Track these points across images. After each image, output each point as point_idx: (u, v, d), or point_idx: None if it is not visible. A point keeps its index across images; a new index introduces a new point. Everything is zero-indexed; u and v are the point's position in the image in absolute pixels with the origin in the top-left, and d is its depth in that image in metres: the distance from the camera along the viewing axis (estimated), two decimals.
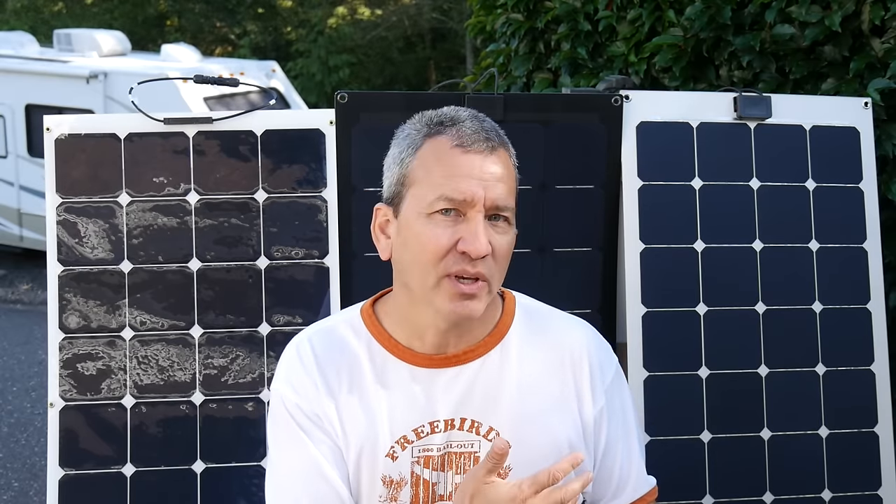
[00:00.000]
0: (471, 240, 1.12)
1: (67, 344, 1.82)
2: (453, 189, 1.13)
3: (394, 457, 1.21)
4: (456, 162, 1.14)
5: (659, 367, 1.89)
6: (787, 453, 1.92)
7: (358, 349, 1.24)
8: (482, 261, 1.13)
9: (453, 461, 1.22)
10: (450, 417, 1.21)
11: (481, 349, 1.23)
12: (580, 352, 1.28)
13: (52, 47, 9.54)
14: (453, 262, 1.13)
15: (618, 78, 2.10)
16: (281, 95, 9.30)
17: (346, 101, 1.89)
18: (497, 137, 1.18)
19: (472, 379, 1.22)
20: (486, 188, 1.13)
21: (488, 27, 3.45)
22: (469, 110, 1.22)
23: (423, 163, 1.16)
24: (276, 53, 16.46)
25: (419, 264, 1.16)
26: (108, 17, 17.73)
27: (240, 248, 1.87)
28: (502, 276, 1.19)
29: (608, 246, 1.98)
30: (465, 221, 1.13)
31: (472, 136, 1.15)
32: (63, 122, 1.86)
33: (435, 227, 1.14)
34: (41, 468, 4.58)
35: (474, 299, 1.14)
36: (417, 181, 1.16)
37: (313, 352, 1.24)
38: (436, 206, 1.13)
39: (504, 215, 1.16)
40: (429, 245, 1.14)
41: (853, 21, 2.29)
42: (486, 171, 1.14)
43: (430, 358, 1.22)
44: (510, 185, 1.17)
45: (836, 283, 1.97)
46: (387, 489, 1.21)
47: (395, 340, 1.23)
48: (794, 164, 1.99)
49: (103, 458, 1.80)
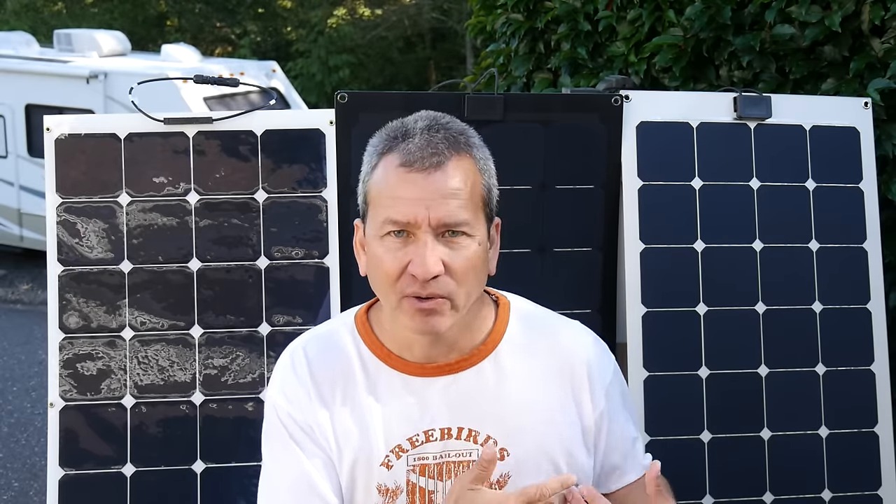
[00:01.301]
0: (418, 263, 1.10)
1: (67, 344, 1.82)
2: (397, 211, 1.11)
3: (388, 465, 1.21)
4: (399, 182, 1.12)
5: (659, 367, 1.89)
6: (787, 453, 1.92)
7: (352, 357, 1.24)
8: (435, 281, 1.11)
9: (451, 470, 1.22)
10: (446, 426, 1.21)
11: (475, 358, 1.23)
12: (578, 357, 1.27)
13: (52, 47, 9.54)
14: (407, 284, 1.13)
15: (618, 78, 2.10)
16: (281, 95, 9.29)
17: (346, 101, 1.89)
18: (450, 149, 1.14)
19: (468, 388, 1.22)
20: (429, 207, 1.10)
21: (488, 27, 3.45)
22: (430, 117, 1.18)
23: (376, 183, 1.16)
24: (276, 53, 16.46)
25: (380, 285, 1.16)
26: (108, 17, 17.73)
27: (240, 248, 1.87)
28: (472, 288, 1.16)
29: (608, 246, 1.98)
30: (415, 242, 1.12)
31: (417, 154, 1.12)
32: (63, 122, 1.86)
33: (386, 250, 1.13)
34: (41, 468, 4.58)
35: (435, 314, 1.13)
36: (373, 202, 1.16)
37: (307, 360, 1.24)
38: (385, 229, 1.13)
39: (460, 230, 1.13)
40: (382, 268, 1.14)
41: (853, 21, 2.29)
42: (429, 189, 1.11)
43: (422, 367, 1.21)
44: (466, 196, 1.13)
45: (836, 283, 1.97)
46: (383, 498, 1.21)
47: (387, 349, 1.23)
48: (794, 164, 1.99)
49: (103, 458, 1.80)
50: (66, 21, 17.10)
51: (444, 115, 1.20)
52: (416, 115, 1.20)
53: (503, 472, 1.21)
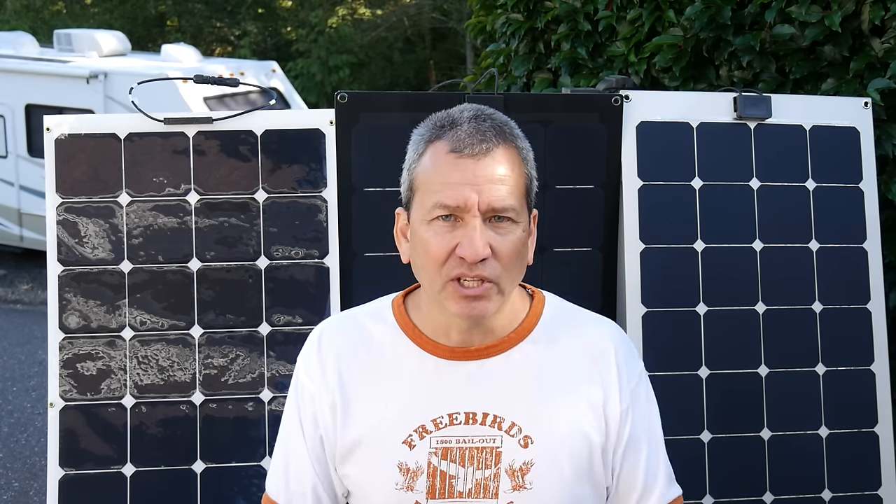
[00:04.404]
0: (466, 244, 1.13)
1: (67, 344, 1.82)
2: (447, 196, 1.15)
3: (411, 445, 1.22)
4: (449, 168, 1.16)
5: (659, 367, 1.89)
6: (787, 453, 1.92)
7: (382, 337, 1.27)
8: (482, 264, 1.14)
9: (475, 456, 1.22)
10: (471, 411, 1.22)
11: (505, 344, 1.24)
12: (606, 351, 1.28)
13: (52, 47, 9.54)
14: (454, 266, 1.15)
15: (618, 78, 2.10)
16: (281, 95, 9.29)
17: (346, 101, 1.89)
18: (497, 137, 1.18)
19: (495, 374, 1.23)
20: (479, 192, 1.14)
21: (488, 27, 3.45)
22: (475, 108, 1.23)
23: (423, 169, 1.19)
24: (277, 53, 16.47)
25: (425, 269, 1.19)
26: (108, 17, 17.73)
27: (240, 248, 1.87)
28: (516, 274, 1.20)
29: (608, 246, 1.98)
30: (463, 226, 1.15)
31: (467, 140, 1.16)
32: (63, 122, 1.86)
33: (434, 233, 1.16)
34: (41, 468, 4.59)
35: (482, 300, 1.16)
36: (420, 188, 1.19)
37: (331, 337, 1.29)
38: (434, 213, 1.16)
39: (506, 216, 1.16)
40: (430, 251, 1.16)
41: (853, 21, 2.29)
42: (479, 174, 1.15)
43: (452, 350, 1.23)
44: (512, 183, 1.17)
45: (836, 283, 1.97)
46: (403, 477, 1.22)
47: (421, 332, 1.25)
48: (794, 164, 1.99)
49: (103, 457, 1.80)
50: (66, 21, 17.11)
51: (487, 108, 1.24)
52: (460, 106, 1.24)
53: (527, 459, 1.22)
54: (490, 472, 1.21)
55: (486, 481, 1.21)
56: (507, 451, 1.21)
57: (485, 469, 1.22)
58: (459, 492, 1.22)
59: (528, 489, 1.21)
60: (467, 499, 1.22)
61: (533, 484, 1.21)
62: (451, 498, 1.22)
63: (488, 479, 1.21)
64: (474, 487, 1.22)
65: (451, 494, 1.22)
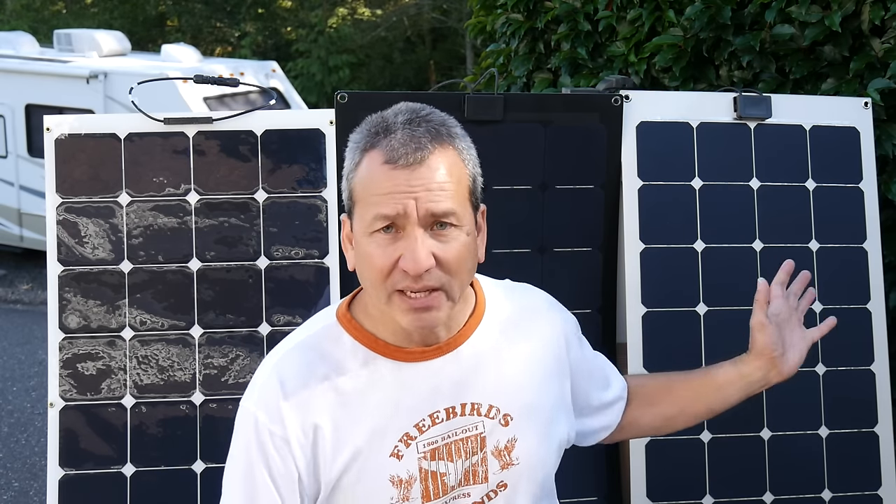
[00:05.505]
0: (409, 257, 1.11)
1: (67, 344, 1.82)
2: (386, 207, 1.11)
3: (399, 456, 1.20)
4: (385, 179, 1.12)
5: (659, 367, 1.89)
6: (787, 453, 1.92)
7: (343, 356, 1.22)
8: (427, 274, 1.12)
9: (460, 448, 1.22)
10: (449, 405, 1.22)
11: (466, 332, 1.24)
12: (539, 307, 1.34)
13: (52, 47, 9.53)
14: (398, 279, 1.13)
15: (618, 78, 2.10)
16: (281, 95, 9.29)
17: (346, 101, 1.89)
18: (432, 142, 1.14)
19: (464, 363, 1.23)
20: (417, 200, 1.11)
21: (488, 27, 3.45)
22: (410, 110, 1.18)
23: (360, 180, 1.16)
24: (276, 54, 16.46)
25: (370, 281, 1.16)
26: (108, 17, 17.73)
27: (240, 248, 1.87)
28: (465, 278, 1.17)
29: (608, 246, 1.98)
30: (405, 237, 1.12)
31: (401, 150, 1.12)
32: (63, 122, 1.86)
33: (376, 246, 1.13)
34: (41, 468, 4.59)
35: (431, 310, 1.14)
36: (359, 200, 1.16)
37: (291, 373, 1.21)
38: (374, 226, 1.13)
39: (448, 221, 1.13)
40: (374, 264, 1.14)
41: (853, 21, 2.29)
42: (415, 184, 1.11)
43: (423, 352, 1.22)
44: (452, 187, 1.14)
45: (836, 283, 1.97)
46: (397, 489, 1.20)
47: (380, 339, 1.22)
48: (794, 164, 1.99)
49: (103, 457, 1.80)
50: (66, 21, 17.11)
51: (423, 107, 1.19)
52: (395, 108, 1.19)
53: (510, 436, 1.24)
54: (477, 458, 1.22)
55: (474, 468, 1.22)
56: (490, 434, 1.23)
57: (472, 456, 1.22)
58: (451, 486, 1.22)
59: (516, 465, 1.23)
60: (459, 487, 1.22)
61: (520, 458, 1.24)
62: (445, 495, 1.22)
63: (476, 465, 1.22)
64: (463, 477, 1.22)
65: (444, 492, 1.22)
